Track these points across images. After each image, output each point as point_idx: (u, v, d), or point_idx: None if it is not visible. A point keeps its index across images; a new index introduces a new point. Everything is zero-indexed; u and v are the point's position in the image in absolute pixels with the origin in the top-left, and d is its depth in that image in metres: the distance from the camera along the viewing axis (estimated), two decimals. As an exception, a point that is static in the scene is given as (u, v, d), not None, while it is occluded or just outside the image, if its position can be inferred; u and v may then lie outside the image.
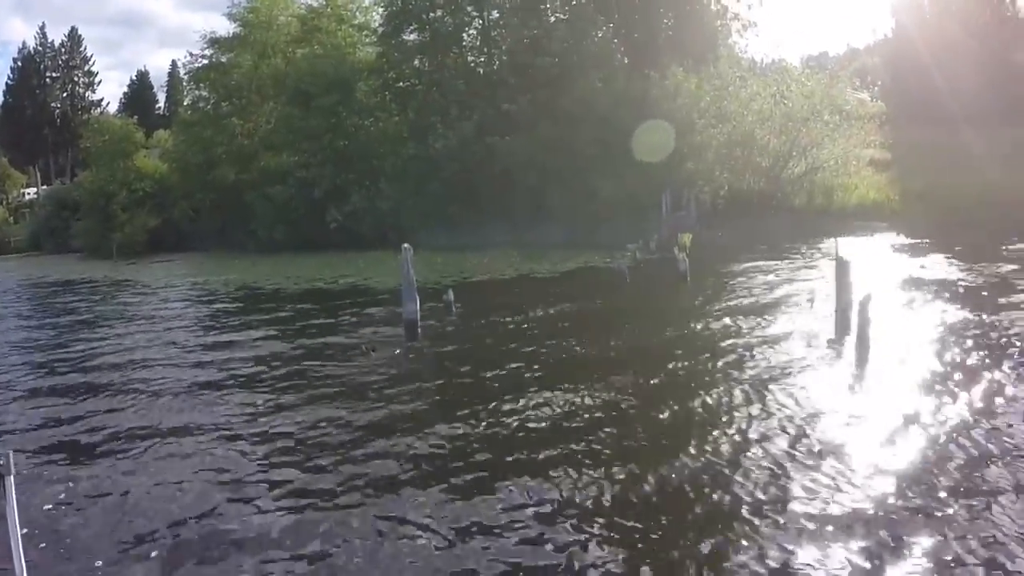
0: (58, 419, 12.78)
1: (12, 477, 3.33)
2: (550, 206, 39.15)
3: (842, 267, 14.62)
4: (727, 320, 16.54)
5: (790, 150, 39.27)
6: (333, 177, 48.68)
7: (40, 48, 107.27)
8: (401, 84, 51.36)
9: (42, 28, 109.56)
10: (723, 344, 14.24)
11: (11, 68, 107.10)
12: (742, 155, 39.41)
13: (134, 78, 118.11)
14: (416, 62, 50.95)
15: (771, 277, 22.26)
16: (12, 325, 27.95)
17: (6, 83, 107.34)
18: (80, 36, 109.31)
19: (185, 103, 70.12)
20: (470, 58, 50.53)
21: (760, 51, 75.68)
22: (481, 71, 49.22)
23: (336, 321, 21.43)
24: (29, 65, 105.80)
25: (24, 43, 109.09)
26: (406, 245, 17.65)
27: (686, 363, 13.29)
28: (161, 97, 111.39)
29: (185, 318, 25.17)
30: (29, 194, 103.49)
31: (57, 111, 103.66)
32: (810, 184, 39.42)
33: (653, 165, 36.19)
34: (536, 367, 13.65)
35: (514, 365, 13.94)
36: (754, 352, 13.25)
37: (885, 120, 41.87)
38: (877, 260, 23.46)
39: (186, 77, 71.91)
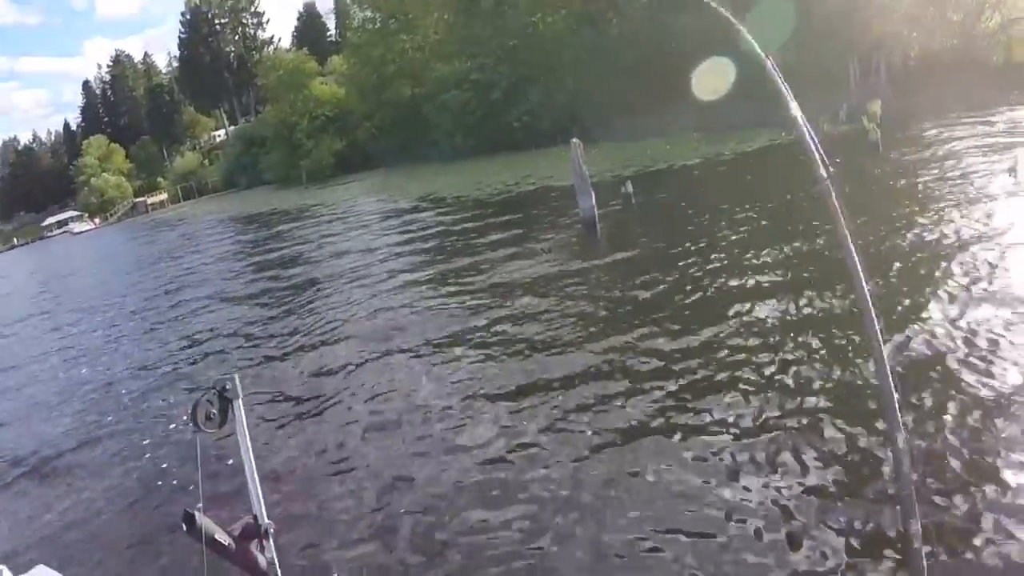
0: (274, 334, 13.93)
1: (241, 400, 3.28)
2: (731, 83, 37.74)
3: None
4: (921, 199, 14.55)
5: (983, 2, 36.08)
6: (509, 76, 48.97)
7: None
8: (564, -27, 50.29)
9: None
10: (915, 231, 12.26)
11: (181, 22, 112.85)
12: (931, 12, 36.52)
13: (301, 11, 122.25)
14: (577, -52, 49.53)
15: (968, 143, 19.86)
16: (216, 254, 30.83)
17: (179, 37, 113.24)
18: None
19: (354, 26, 71.75)
20: (633, -63, 48.68)
21: None
22: (646, -52, 47.49)
23: (517, 223, 21.24)
24: (197, 16, 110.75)
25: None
26: (575, 140, 17.37)
27: (881, 252, 11.49)
28: (332, 25, 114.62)
29: (370, 233, 25.79)
30: (219, 136, 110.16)
31: (232, 54, 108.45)
32: (1007, 38, 35.93)
33: (837, 29, 34.22)
34: (718, 265, 12.41)
35: (694, 263, 12.83)
36: (952, 237, 11.39)
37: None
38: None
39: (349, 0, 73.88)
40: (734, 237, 14.12)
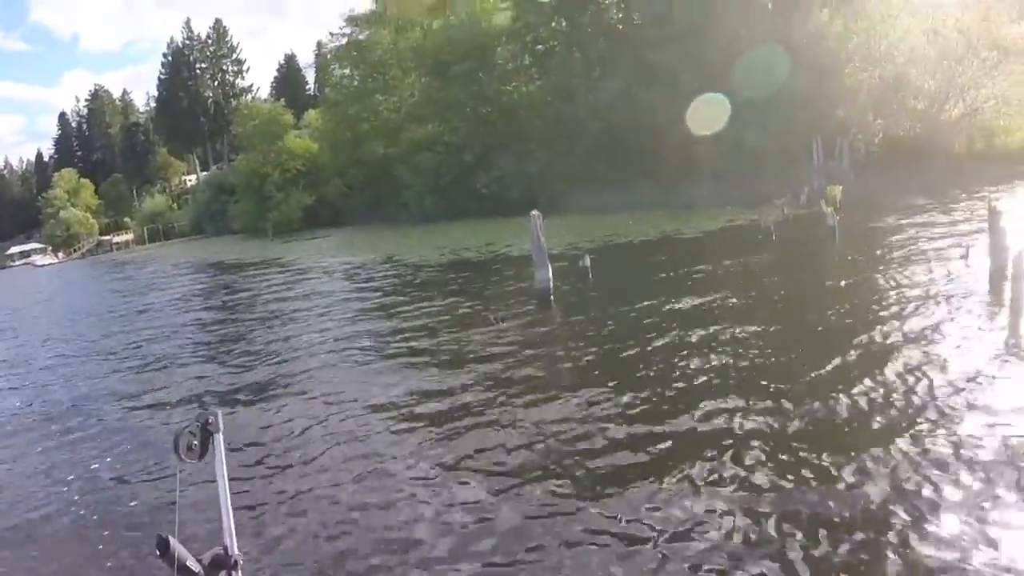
0: (241, 384, 13.85)
1: (221, 435, 3.31)
2: (697, 162, 38.33)
3: (995, 218, 13.30)
4: (874, 282, 15.11)
5: (946, 91, 36.66)
6: (481, 141, 49.67)
7: (188, 41, 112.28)
8: (539, 47, 51.51)
9: (187, 23, 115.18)
10: (867, 312, 12.82)
11: (162, 63, 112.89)
12: (896, 98, 37.54)
13: (282, 62, 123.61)
14: (553, 23, 50.58)
15: (926, 230, 20.51)
16: (174, 301, 30.31)
17: (159, 77, 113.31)
18: (225, 27, 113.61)
19: (332, 82, 72.41)
20: (608, 15, 49.85)
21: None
22: (620, 27, 48.59)
23: (473, 291, 21.42)
24: (179, 59, 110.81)
25: (172, 38, 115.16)
26: (534, 212, 17.60)
27: (826, 327, 12.34)
28: (311, 78, 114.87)
29: (330, 294, 25.51)
30: (189, 181, 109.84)
31: (210, 100, 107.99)
32: (969, 127, 37.07)
33: (801, 112, 35.20)
34: (670, 340, 12.53)
35: (647, 338, 12.85)
36: (900, 317, 12.01)
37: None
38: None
39: (329, 56, 74.60)
40: (683, 314, 14.44)
